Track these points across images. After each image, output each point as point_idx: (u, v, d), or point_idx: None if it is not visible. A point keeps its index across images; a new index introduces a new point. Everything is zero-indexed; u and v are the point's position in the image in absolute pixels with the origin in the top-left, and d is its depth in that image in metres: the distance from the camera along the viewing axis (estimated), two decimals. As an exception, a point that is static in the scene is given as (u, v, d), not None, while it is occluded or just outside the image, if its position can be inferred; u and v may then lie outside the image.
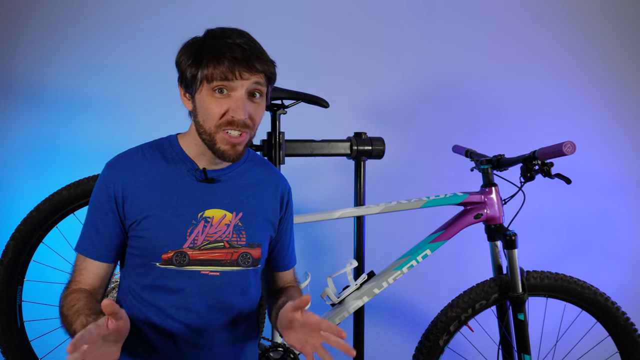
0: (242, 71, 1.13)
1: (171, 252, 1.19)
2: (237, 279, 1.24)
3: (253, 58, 1.14)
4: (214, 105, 1.15)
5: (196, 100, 1.18)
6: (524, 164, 1.69)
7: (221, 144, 1.17)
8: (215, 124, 1.15)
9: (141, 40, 2.23)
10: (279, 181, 1.34)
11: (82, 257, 1.22)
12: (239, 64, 1.13)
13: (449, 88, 2.51)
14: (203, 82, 1.15)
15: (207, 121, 1.16)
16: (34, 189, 2.13)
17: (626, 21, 2.64)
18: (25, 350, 1.69)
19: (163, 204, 1.19)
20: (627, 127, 2.65)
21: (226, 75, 1.13)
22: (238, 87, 1.14)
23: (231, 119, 1.15)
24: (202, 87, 1.15)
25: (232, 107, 1.14)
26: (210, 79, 1.14)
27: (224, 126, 1.15)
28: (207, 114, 1.16)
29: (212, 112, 1.15)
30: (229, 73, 1.13)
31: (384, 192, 2.44)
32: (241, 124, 1.15)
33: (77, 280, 1.21)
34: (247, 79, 1.14)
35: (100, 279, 1.22)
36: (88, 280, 1.21)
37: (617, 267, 2.63)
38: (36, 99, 2.16)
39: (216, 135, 1.16)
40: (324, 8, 2.40)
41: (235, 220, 1.24)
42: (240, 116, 1.14)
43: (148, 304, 1.21)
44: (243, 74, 1.13)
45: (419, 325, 2.46)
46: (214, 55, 1.13)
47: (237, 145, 1.17)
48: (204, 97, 1.16)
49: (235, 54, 1.13)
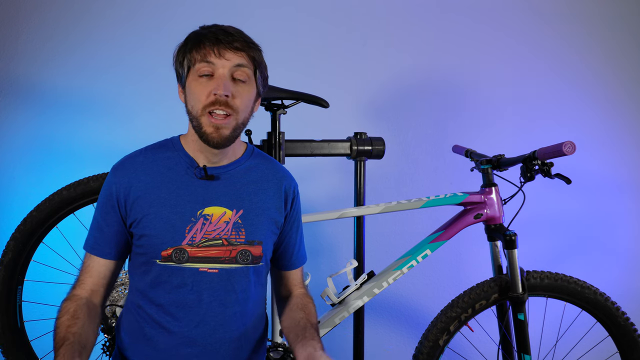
0: (223, 50, 1.17)
1: (170, 249, 1.20)
2: (237, 277, 1.24)
3: (236, 39, 1.19)
4: (199, 88, 1.18)
5: (186, 89, 1.22)
6: (524, 164, 1.69)
7: (206, 127, 1.19)
8: (201, 105, 1.18)
9: (141, 39, 2.23)
10: (284, 178, 1.33)
11: (88, 255, 1.26)
12: (219, 44, 1.18)
13: (449, 88, 2.51)
14: (190, 69, 1.20)
15: (194, 106, 1.19)
16: (34, 189, 2.13)
17: (628, 21, 2.64)
18: (25, 350, 1.69)
19: (163, 202, 1.21)
20: (627, 127, 2.65)
21: (207, 55, 1.17)
22: (219, 67, 1.18)
23: (213, 97, 1.17)
24: (190, 74, 1.20)
25: (214, 86, 1.17)
26: (194, 63, 1.19)
27: (208, 107, 1.18)
28: (194, 99, 1.19)
29: (198, 95, 1.18)
30: (210, 52, 1.17)
31: (384, 192, 2.44)
32: (223, 102, 1.17)
33: (81, 280, 1.24)
34: (228, 58, 1.18)
35: (103, 277, 1.25)
36: (90, 279, 1.24)
37: (617, 267, 2.63)
38: (36, 98, 2.16)
39: (202, 118, 1.18)
40: (324, 8, 2.40)
41: (235, 218, 1.24)
42: (220, 91, 1.16)
43: (150, 302, 1.22)
44: (223, 52, 1.17)
45: (419, 325, 2.46)
46: (197, 39, 1.20)
47: (221, 129, 1.18)
48: (191, 83, 1.20)
49: (217, 36, 1.18)
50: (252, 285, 1.27)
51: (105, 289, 1.26)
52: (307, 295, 1.39)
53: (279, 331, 1.72)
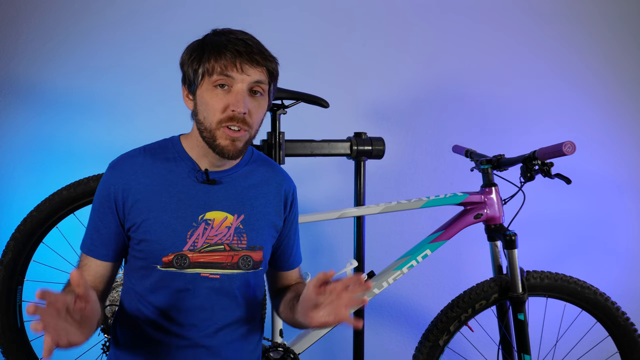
0: (244, 64, 1.13)
1: (171, 254, 1.18)
2: (238, 282, 1.23)
3: (255, 52, 1.15)
4: (215, 100, 1.14)
5: (197, 97, 1.18)
6: (524, 164, 1.69)
7: (221, 139, 1.15)
8: (217, 119, 1.14)
9: (141, 39, 2.23)
10: (283, 181, 1.32)
11: (85, 256, 1.23)
12: (240, 57, 1.13)
13: (449, 88, 2.51)
14: (204, 76, 1.15)
15: (207, 117, 1.15)
16: (34, 189, 2.13)
17: (628, 21, 2.64)
18: (25, 350, 1.69)
19: (164, 206, 1.19)
20: (627, 127, 2.65)
21: (227, 68, 1.12)
22: (239, 82, 1.14)
23: (232, 113, 1.14)
24: (203, 82, 1.15)
25: (232, 101, 1.14)
26: (211, 72, 1.14)
27: (224, 122, 1.14)
28: (207, 110, 1.15)
29: (213, 107, 1.14)
30: (231, 65, 1.13)
31: (384, 192, 2.44)
32: (240, 119, 1.14)
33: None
34: (248, 74, 1.14)
35: (99, 277, 1.22)
36: (89, 277, 1.21)
37: (617, 267, 2.63)
38: (36, 98, 2.16)
39: (217, 131, 1.15)
40: (324, 8, 2.40)
41: (236, 223, 1.23)
42: (239, 109, 1.13)
43: (149, 306, 1.21)
44: (244, 67, 1.13)
45: (419, 325, 2.46)
46: (216, 48, 1.14)
47: (236, 141, 1.16)
48: (204, 93, 1.16)
49: (237, 47, 1.13)
50: (252, 289, 1.27)
51: (103, 290, 1.24)
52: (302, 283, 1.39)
53: (279, 331, 1.72)
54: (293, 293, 1.31)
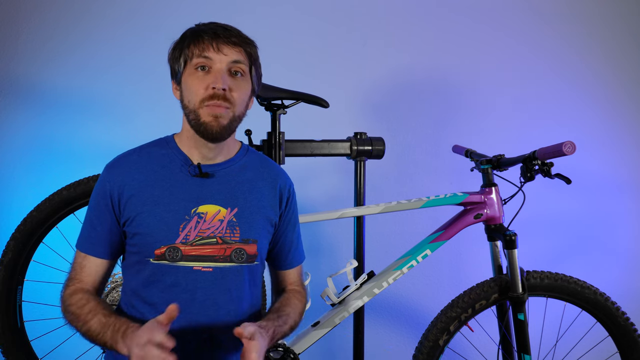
0: (220, 44, 1.19)
1: (164, 247, 1.20)
2: (231, 275, 1.23)
3: (233, 34, 1.21)
4: (196, 82, 1.19)
5: (182, 84, 1.22)
6: (524, 164, 1.69)
7: (204, 117, 1.18)
8: (199, 99, 1.18)
9: (141, 39, 2.23)
10: (278, 177, 1.33)
11: (81, 254, 1.24)
12: (217, 39, 1.19)
13: (449, 88, 2.51)
14: (186, 63, 1.21)
15: (191, 100, 1.20)
16: (34, 189, 2.13)
17: (628, 21, 2.64)
18: (25, 350, 1.68)
19: (156, 200, 1.21)
20: (627, 127, 2.65)
21: (205, 50, 1.18)
22: (217, 62, 1.19)
23: (212, 91, 1.17)
24: (186, 69, 1.21)
25: (211, 80, 1.18)
26: (191, 57, 1.19)
27: (207, 100, 1.18)
28: (190, 93, 1.19)
29: (195, 88, 1.18)
30: (208, 46, 1.18)
31: (384, 192, 2.44)
32: (221, 96, 1.18)
33: (78, 279, 1.23)
34: (225, 53, 1.19)
35: (98, 275, 1.24)
36: (89, 278, 1.23)
37: (617, 267, 2.63)
38: (36, 98, 2.16)
39: (200, 110, 1.19)
40: (324, 8, 2.40)
41: (229, 216, 1.24)
42: (218, 84, 1.17)
43: (143, 302, 1.22)
44: (221, 47, 1.19)
45: (419, 325, 2.46)
46: (195, 35, 1.21)
47: (219, 118, 1.19)
48: (187, 78, 1.21)
49: (215, 31, 1.20)
50: (246, 284, 1.27)
51: (98, 288, 1.26)
52: (297, 292, 1.39)
53: (279, 331, 1.72)
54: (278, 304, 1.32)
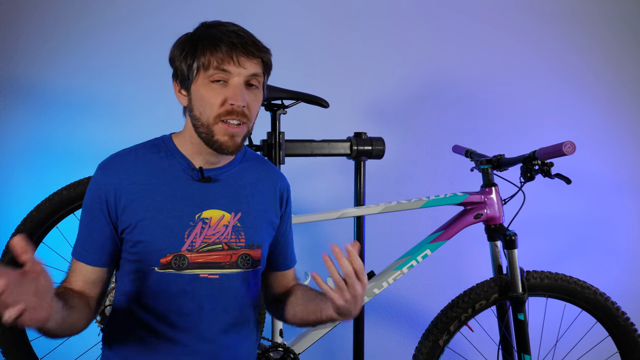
0: (240, 56, 1.11)
1: (170, 255, 1.15)
2: (237, 282, 1.21)
3: (249, 43, 1.13)
4: (212, 94, 1.12)
5: (192, 93, 1.15)
6: (524, 164, 1.69)
7: (219, 135, 1.13)
8: (214, 114, 1.12)
9: (141, 39, 2.23)
10: (278, 179, 1.31)
11: (75, 262, 1.18)
12: (236, 49, 1.11)
13: (449, 88, 2.51)
14: (199, 71, 1.13)
15: (204, 113, 1.13)
16: (34, 189, 2.13)
17: (628, 21, 2.64)
18: (25, 350, 1.68)
19: (159, 206, 1.15)
20: (628, 127, 2.65)
21: (224, 62, 1.11)
22: (235, 75, 1.12)
23: (230, 107, 1.12)
24: (199, 77, 1.13)
25: (230, 95, 1.12)
26: (207, 67, 1.11)
27: (223, 116, 1.12)
28: (204, 105, 1.13)
29: (210, 102, 1.12)
30: (227, 59, 1.11)
31: (384, 192, 2.44)
32: (240, 113, 1.13)
33: (68, 280, 1.17)
34: (245, 67, 1.12)
35: (91, 283, 1.17)
36: (78, 283, 1.16)
37: (617, 267, 2.63)
38: (36, 98, 2.16)
39: (214, 126, 1.13)
40: (324, 8, 2.40)
41: (234, 221, 1.21)
42: (238, 102, 1.11)
43: (147, 310, 1.17)
44: (241, 60, 1.11)
45: (419, 325, 2.45)
46: (210, 42, 1.12)
47: (235, 137, 1.14)
48: (200, 88, 1.13)
49: (232, 39, 1.12)
50: (251, 289, 1.26)
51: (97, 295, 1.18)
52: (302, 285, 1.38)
53: (279, 331, 1.72)
54: (301, 291, 1.29)
